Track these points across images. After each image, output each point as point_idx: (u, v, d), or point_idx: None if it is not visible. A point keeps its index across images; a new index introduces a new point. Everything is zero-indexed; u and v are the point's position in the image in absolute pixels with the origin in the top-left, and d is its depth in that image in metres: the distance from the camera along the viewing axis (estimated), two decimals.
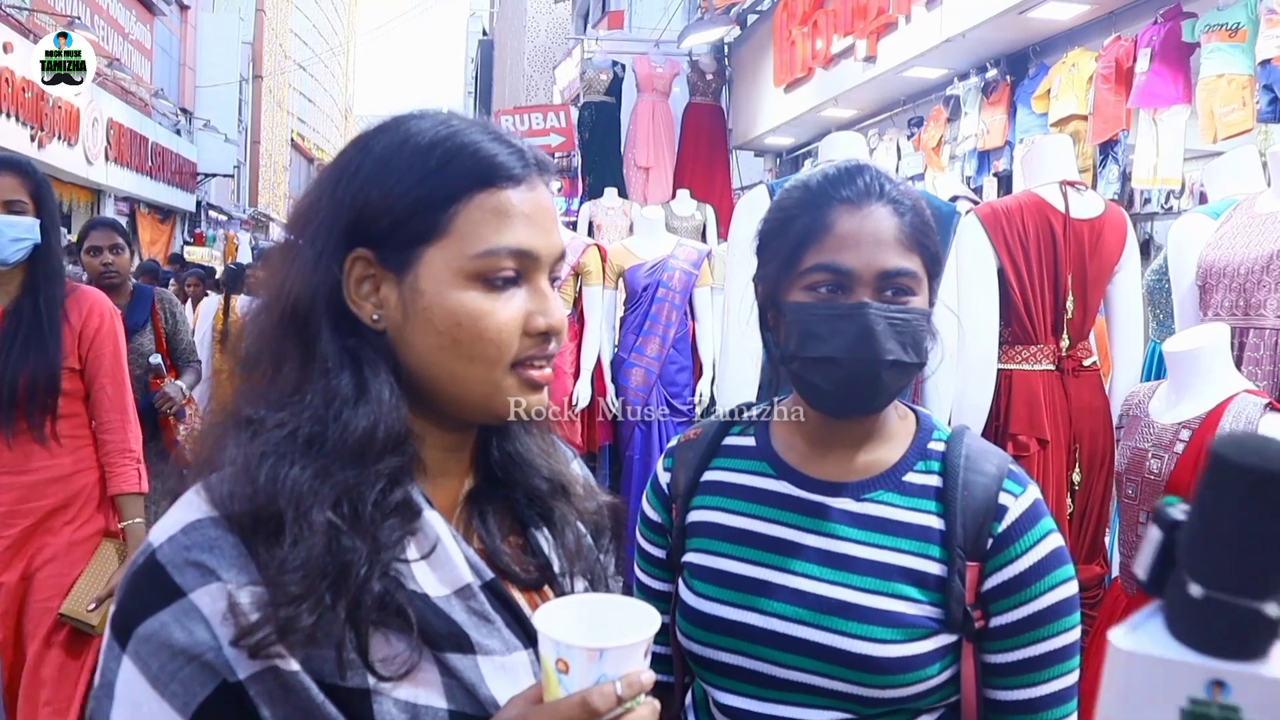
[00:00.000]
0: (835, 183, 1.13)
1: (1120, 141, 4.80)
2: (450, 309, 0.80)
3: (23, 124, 11.57)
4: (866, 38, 6.61)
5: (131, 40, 17.43)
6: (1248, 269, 2.43)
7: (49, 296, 2.49)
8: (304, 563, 0.73)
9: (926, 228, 1.13)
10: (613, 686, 0.71)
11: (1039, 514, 1.12)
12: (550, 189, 0.87)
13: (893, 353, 1.08)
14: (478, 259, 0.80)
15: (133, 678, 0.73)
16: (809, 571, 1.13)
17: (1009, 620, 1.10)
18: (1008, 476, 1.13)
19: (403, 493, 0.80)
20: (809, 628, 1.10)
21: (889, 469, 1.16)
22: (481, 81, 32.90)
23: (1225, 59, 4.09)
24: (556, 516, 0.94)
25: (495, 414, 0.84)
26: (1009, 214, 2.84)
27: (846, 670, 1.08)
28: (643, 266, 4.95)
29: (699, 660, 1.18)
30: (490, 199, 0.81)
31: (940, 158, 6.58)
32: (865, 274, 1.09)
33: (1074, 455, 2.86)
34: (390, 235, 0.81)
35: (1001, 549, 1.10)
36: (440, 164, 0.81)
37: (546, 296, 0.84)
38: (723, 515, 1.21)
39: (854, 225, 1.10)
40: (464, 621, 0.80)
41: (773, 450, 1.22)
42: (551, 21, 22.93)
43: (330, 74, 49.34)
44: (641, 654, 0.73)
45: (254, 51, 27.57)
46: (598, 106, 9.71)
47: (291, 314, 0.81)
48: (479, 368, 0.81)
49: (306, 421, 0.78)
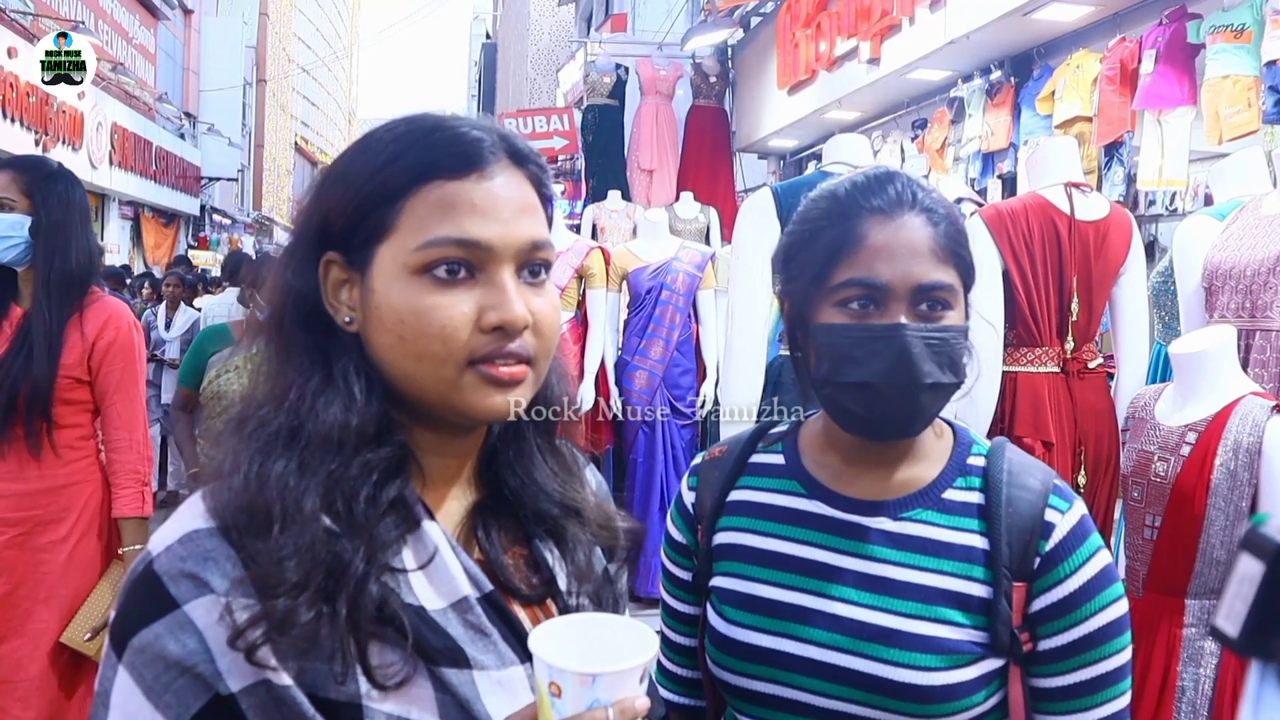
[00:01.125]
0: (865, 192, 1.08)
1: (1125, 143, 4.78)
2: (395, 306, 0.79)
3: (27, 128, 11.59)
4: (870, 40, 6.60)
5: (135, 44, 17.47)
6: (1254, 271, 2.42)
7: (55, 301, 2.44)
8: (297, 550, 0.73)
9: (962, 237, 1.08)
10: (605, 713, 0.69)
11: (1087, 530, 1.07)
12: (534, 180, 0.85)
13: (931, 375, 1.03)
14: (419, 251, 0.78)
15: (128, 688, 0.73)
16: (846, 596, 1.07)
17: (1059, 643, 1.05)
18: (1053, 492, 1.08)
19: (397, 491, 0.79)
20: (848, 655, 1.05)
21: (927, 486, 1.10)
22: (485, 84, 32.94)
23: (1231, 60, 4.08)
24: (568, 536, 0.92)
25: (460, 413, 0.81)
26: (1014, 216, 2.83)
27: (889, 700, 1.03)
28: (646, 269, 4.95)
29: (731, 690, 1.13)
30: (434, 192, 0.79)
31: (944, 160, 6.57)
32: (900, 288, 1.03)
33: (1079, 458, 2.85)
34: (351, 236, 0.81)
35: (1050, 568, 1.05)
36: (387, 161, 0.80)
37: (504, 290, 0.79)
38: (752, 537, 1.15)
39: (887, 236, 1.04)
40: (460, 636, 0.79)
41: (803, 468, 1.16)
42: (555, 24, 22.97)
43: (334, 78, 49.42)
44: (636, 679, 0.71)
45: (257, 55, 27.62)
46: (601, 109, 9.70)
47: (271, 318, 0.83)
48: (428, 365, 0.79)
49: (285, 417, 0.78)
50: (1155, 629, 2.07)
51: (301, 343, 0.81)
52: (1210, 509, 1.96)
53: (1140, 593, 2.12)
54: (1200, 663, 2.00)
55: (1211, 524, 1.96)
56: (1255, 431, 1.93)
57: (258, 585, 0.72)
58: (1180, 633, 2.03)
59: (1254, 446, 1.93)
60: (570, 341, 4.91)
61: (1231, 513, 1.94)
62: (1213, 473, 1.96)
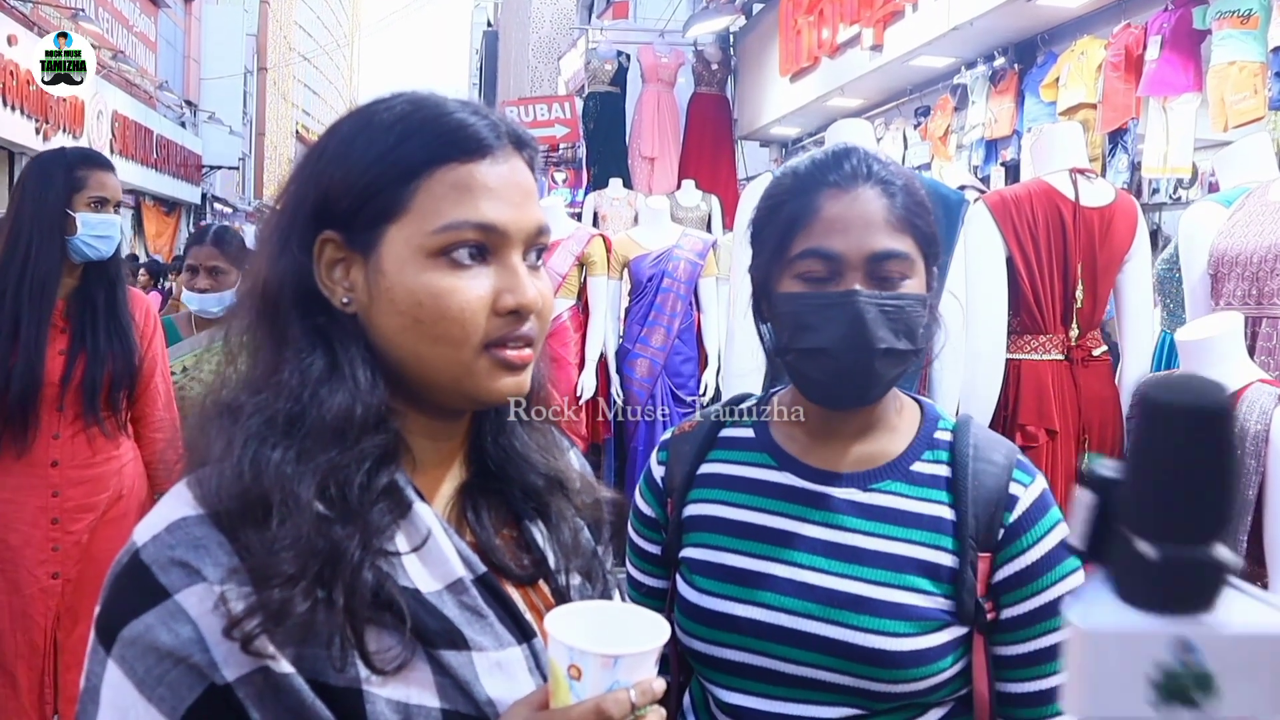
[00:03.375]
0: (823, 167, 1.11)
1: (1130, 130, 4.76)
2: (411, 288, 0.77)
3: (28, 117, 11.56)
4: (873, 26, 6.56)
5: (136, 33, 17.39)
6: (1260, 257, 2.40)
7: (122, 288, 2.55)
8: (294, 541, 0.71)
9: (920, 208, 1.11)
10: (627, 694, 0.70)
11: (1048, 504, 1.12)
12: (530, 165, 0.84)
13: (885, 341, 1.05)
14: (438, 234, 0.77)
15: (118, 682, 0.71)
16: (816, 564, 1.10)
17: (1020, 612, 1.09)
18: (1016, 466, 1.12)
19: (389, 477, 0.78)
20: (818, 621, 1.08)
21: (896, 459, 1.14)
22: (486, 72, 32.83)
23: (1237, 46, 4.05)
24: (553, 511, 0.91)
25: (470, 397, 0.81)
26: (1018, 202, 2.81)
27: (858, 665, 1.06)
28: (648, 257, 4.93)
29: (700, 657, 1.16)
30: (451, 173, 0.78)
31: (947, 147, 6.54)
32: (854, 257, 1.06)
33: (1083, 446, 2.84)
34: (354, 216, 0.79)
35: (1012, 540, 1.09)
36: (399, 140, 0.79)
37: (517, 273, 0.80)
38: (722, 508, 1.18)
39: (841, 208, 1.08)
40: (456, 617, 0.78)
41: (773, 441, 1.19)
42: (556, 12, 22.87)
43: (335, 66, 49.34)
44: (653, 662, 0.73)
45: (258, 44, 27.56)
46: (603, 97, 9.67)
47: (262, 299, 0.80)
48: (445, 349, 0.78)
49: (284, 403, 0.76)
50: None
51: (300, 325, 0.79)
52: None
53: None
54: None
55: None
56: (1263, 419, 1.92)
57: (253, 575, 0.71)
58: None
59: (1261, 434, 1.91)
60: (571, 329, 4.89)
61: (1238, 501, 1.93)
62: None
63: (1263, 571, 1.93)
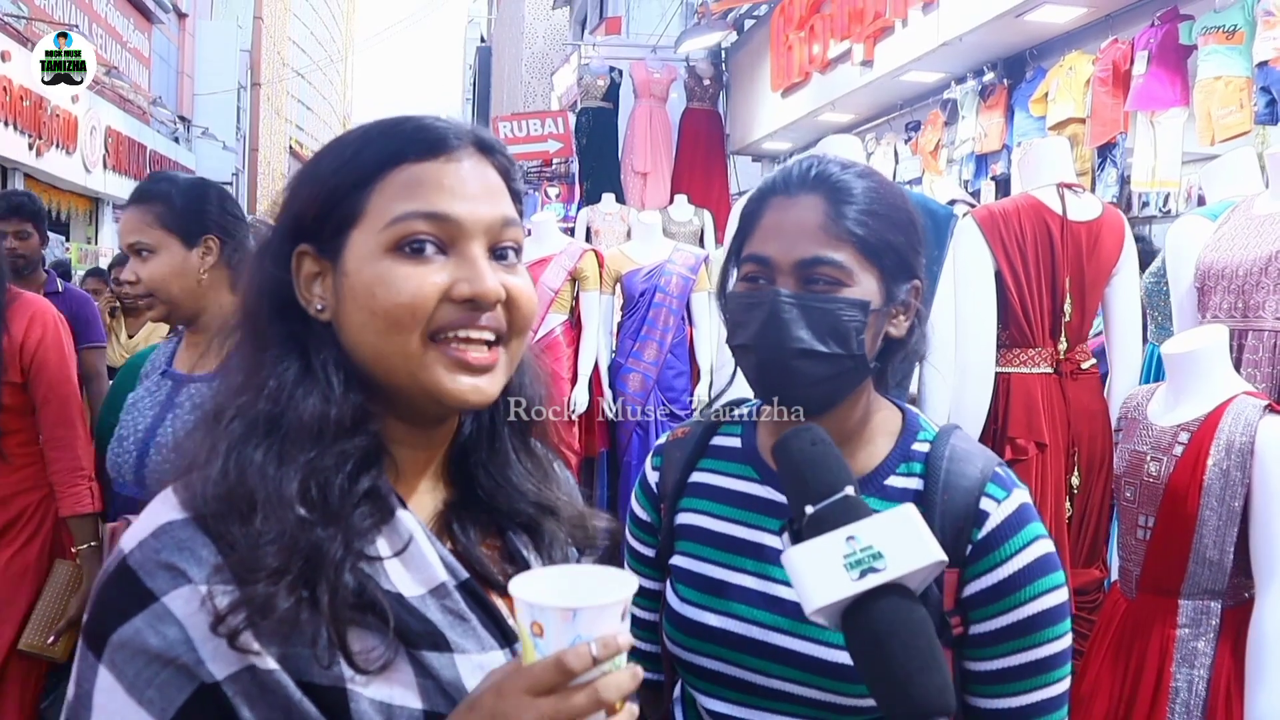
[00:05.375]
0: (783, 174, 1.14)
1: (1118, 144, 4.79)
2: (367, 282, 0.80)
3: (21, 132, 11.55)
4: (863, 42, 6.61)
5: (129, 48, 17.41)
6: (1246, 270, 2.42)
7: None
8: (278, 535, 0.73)
9: (876, 219, 1.09)
10: (588, 647, 0.69)
11: (1024, 520, 1.08)
12: (500, 171, 0.86)
13: (803, 341, 1.05)
14: (389, 227, 0.80)
15: (109, 686, 0.72)
16: (785, 578, 1.10)
17: (990, 628, 1.07)
18: (991, 480, 1.09)
19: (371, 481, 0.80)
20: (786, 635, 1.09)
21: (871, 473, 1.13)
22: (479, 88, 32.93)
23: (1223, 61, 4.09)
24: (545, 531, 0.93)
25: (429, 394, 0.81)
26: (1006, 217, 2.83)
27: (824, 679, 1.07)
28: (640, 271, 4.94)
29: (684, 665, 1.18)
30: (402, 174, 0.81)
31: (938, 162, 6.58)
32: (783, 263, 1.08)
33: (1073, 459, 2.85)
34: (322, 226, 0.82)
35: (981, 556, 1.07)
36: (358, 149, 0.83)
37: (475, 264, 0.81)
38: (707, 519, 1.20)
39: (779, 216, 1.10)
40: (439, 621, 0.80)
41: (757, 453, 1.20)
42: (549, 28, 22.97)
43: (329, 81, 49.40)
44: (618, 616, 0.72)
45: (252, 59, 27.57)
46: (595, 112, 9.71)
47: (245, 312, 0.84)
48: (396, 338, 0.79)
49: (264, 405, 0.79)
50: (1149, 630, 2.06)
51: (278, 332, 0.82)
52: (1203, 509, 1.95)
53: (1133, 593, 2.12)
54: (1194, 663, 2.00)
55: (1204, 524, 1.95)
56: (1248, 431, 1.93)
57: (237, 571, 0.72)
58: (1174, 633, 2.02)
59: (1246, 446, 1.92)
60: (564, 344, 4.90)
61: (1224, 513, 1.94)
62: (1205, 473, 1.95)
63: (1249, 583, 1.94)
